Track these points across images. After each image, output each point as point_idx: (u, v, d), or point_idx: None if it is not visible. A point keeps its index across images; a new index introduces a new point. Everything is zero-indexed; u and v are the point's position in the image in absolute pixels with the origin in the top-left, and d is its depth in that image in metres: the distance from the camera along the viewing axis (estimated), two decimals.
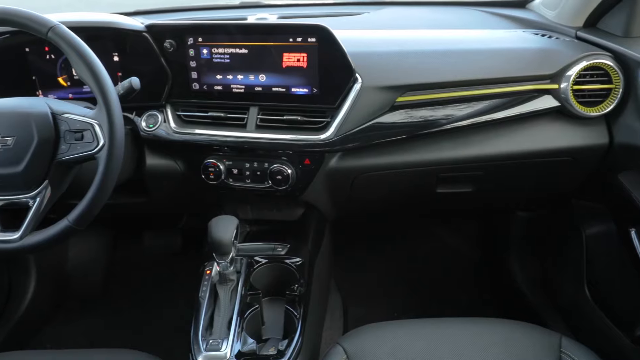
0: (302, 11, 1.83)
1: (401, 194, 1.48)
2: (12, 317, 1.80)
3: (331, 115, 1.26)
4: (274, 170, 1.31)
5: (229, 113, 1.32)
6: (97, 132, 1.01)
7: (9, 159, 1.01)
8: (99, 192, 1.02)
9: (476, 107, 1.30)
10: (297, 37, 1.22)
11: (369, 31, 1.44)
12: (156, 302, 2.00)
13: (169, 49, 1.30)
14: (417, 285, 2.04)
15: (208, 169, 1.35)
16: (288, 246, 1.35)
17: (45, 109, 1.03)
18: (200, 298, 1.20)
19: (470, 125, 1.30)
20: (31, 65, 1.34)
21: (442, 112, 1.29)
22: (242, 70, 1.29)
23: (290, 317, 1.18)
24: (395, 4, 1.79)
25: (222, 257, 1.16)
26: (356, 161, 1.34)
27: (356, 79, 1.23)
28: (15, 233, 1.04)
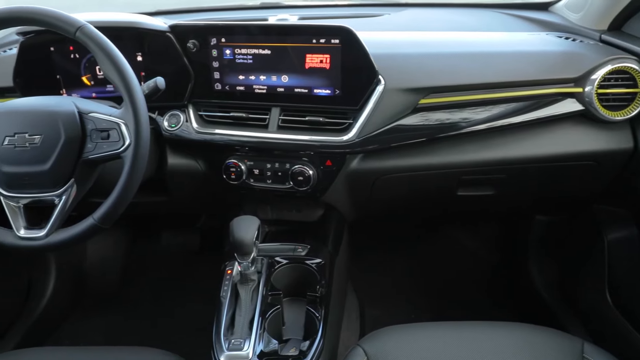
0: (322, 12, 1.83)
1: (421, 196, 1.48)
2: (31, 314, 1.82)
3: (353, 116, 1.26)
4: (296, 171, 1.31)
5: (251, 113, 1.32)
6: (123, 131, 1.01)
7: (36, 157, 1.02)
8: (124, 191, 1.02)
9: (499, 110, 1.29)
10: (320, 38, 1.22)
11: (391, 33, 1.43)
12: (173, 301, 2.01)
13: (192, 49, 1.30)
14: (434, 288, 2.04)
15: (229, 169, 1.35)
16: (308, 247, 1.35)
17: (72, 108, 1.03)
18: (222, 297, 1.20)
19: (493, 128, 1.30)
20: (56, 64, 1.35)
21: (465, 114, 1.28)
22: (265, 71, 1.29)
23: (311, 318, 1.18)
24: (415, 6, 1.78)
25: (244, 257, 1.16)
26: (377, 163, 1.34)
27: (379, 81, 1.23)
28: (41, 231, 1.05)
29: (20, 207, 1.07)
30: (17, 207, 1.07)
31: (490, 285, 2.04)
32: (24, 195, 1.05)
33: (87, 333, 1.90)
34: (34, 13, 1.00)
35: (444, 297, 1.99)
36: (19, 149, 1.02)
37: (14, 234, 1.06)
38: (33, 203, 1.07)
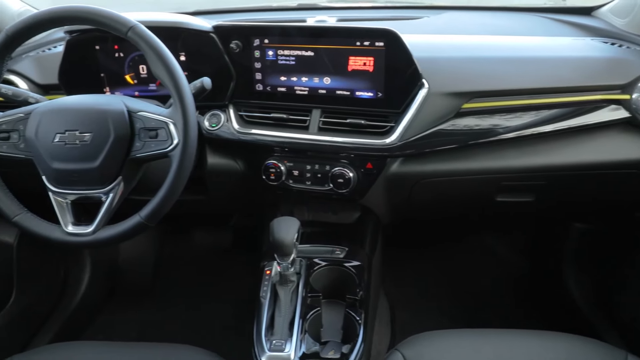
0: (360, 14, 1.83)
1: (459, 201, 1.47)
2: (66, 309, 1.85)
3: (395, 120, 1.26)
4: (336, 173, 1.31)
5: (291, 115, 1.33)
6: (172, 130, 1.02)
7: (86, 155, 1.03)
8: (171, 190, 1.03)
9: (542, 116, 1.28)
10: (364, 40, 1.22)
11: (433, 36, 1.42)
12: (204, 299, 2.03)
13: (235, 50, 1.31)
14: (465, 294, 2.02)
15: (269, 169, 1.36)
16: (346, 249, 1.35)
17: (122, 106, 1.05)
18: (262, 298, 1.21)
19: (536, 134, 1.28)
20: (100, 62, 1.37)
21: (508, 120, 1.27)
22: (307, 72, 1.29)
23: (350, 321, 1.17)
24: (455, 9, 1.77)
25: (284, 258, 1.16)
26: (418, 167, 1.33)
27: (422, 84, 1.22)
28: (88, 227, 1.06)
29: (67, 203, 1.08)
30: (65, 202, 1.08)
31: (522, 293, 2.02)
32: (72, 191, 1.07)
33: (121, 328, 1.93)
34: (87, 13, 1.01)
35: (474, 304, 1.98)
36: (69, 146, 1.03)
37: (61, 229, 1.07)
38: (80, 199, 1.08)
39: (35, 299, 1.73)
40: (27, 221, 1.08)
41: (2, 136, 1.07)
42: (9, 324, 1.58)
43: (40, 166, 1.07)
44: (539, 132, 1.28)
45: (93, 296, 1.93)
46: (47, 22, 1.04)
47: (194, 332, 1.89)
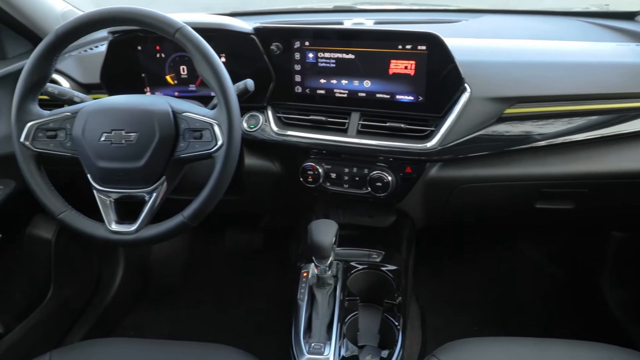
0: (397, 17, 1.82)
1: (498, 207, 1.45)
2: (99, 306, 1.87)
3: (435, 124, 1.25)
4: (374, 176, 1.30)
5: (330, 117, 1.32)
6: (216, 132, 1.03)
7: (131, 154, 1.04)
8: (215, 190, 1.04)
9: (585, 122, 1.25)
10: (406, 44, 1.21)
11: (475, 40, 1.41)
12: (235, 298, 2.03)
13: (275, 52, 1.31)
14: (497, 300, 2.00)
15: (307, 171, 1.36)
16: (383, 253, 1.35)
17: (167, 107, 1.05)
18: (299, 300, 1.21)
19: (578, 141, 1.26)
20: (141, 63, 1.39)
21: (551, 126, 1.25)
22: (347, 75, 1.29)
23: (388, 326, 1.17)
24: (493, 12, 1.75)
25: (322, 260, 1.16)
26: (457, 172, 1.32)
27: (465, 89, 1.21)
28: (131, 225, 1.07)
29: (111, 201, 1.10)
30: (109, 201, 1.10)
31: (557, 301, 1.98)
32: (116, 190, 1.08)
33: (152, 325, 1.95)
34: (136, 14, 1.02)
35: (507, 311, 1.95)
36: (115, 145, 1.04)
37: (105, 227, 1.09)
38: (123, 198, 1.10)
39: (71, 295, 1.76)
40: (72, 218, 1.10)
41: (50, 134, 1.09)
42: (46, 319, 1.61)
43: (86, 164, 1.08)
44: (581, 139, 1.26)
45: (125, 293, 1.95)
46: (96, 23, 1.05)
47: (225, 331, 1.90)
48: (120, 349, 1.15)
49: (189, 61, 1.37)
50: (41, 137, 1.09)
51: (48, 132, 1.09)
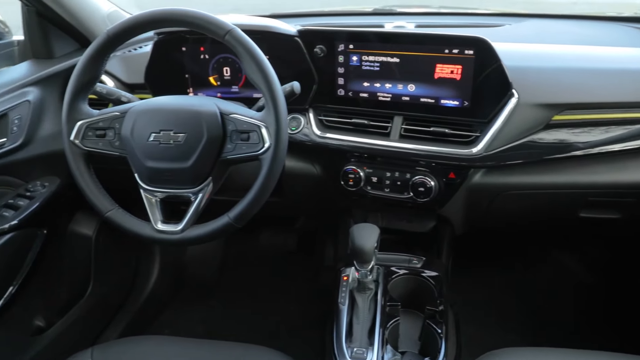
0: (438, 20, 1.81)
1: (540, 214, 1.42)
2: (135, 303, 1.90)
3: (480, 129, 1.23)
4: (417, 181, 1.29)
5: (373, 121, 1.32)
6: (264, 134, 1.03)
7: (179, 155, 1.05)
8: (261, 192, 1.04)
9: (634, 130, 1.22)
10: (453, 48, 1.20)
11: (522, 45, 1.39)
12: (268, 298, 2.04)
13: (319, 54, 1.31)
14: (532, 309, 1.96)
15: (348, 175, 1.35)
16: (423, 259, 1.33)
17: (215, 108, 1.06)
18: (340, 304, 1.21)
19: (627, 149, 1.23)
20: (185, 63, 1.40)
21: (600, 133, 1.22)
22: (391, 79, 1.28)
23: (430, 333, 1.15)
24: (537, 17, 1.72)
25: (363, 265, 1.16)
26: (501, 178, 1.30)
27: (512, 94, 1.19)
28: (177, 225, 1.08)
29: (157, 201, 1.10)
30: (155, 200, 1.10)
31: (593, 311, 1.94)
32: (163, 190, 1.09)
33: (186, 324, 1.96)
34: (186, 15, 1.03)
35: (542, 320, 1.92)
36: (163, 145, 1.05)
37: (151, 226, 1.09)
38: (169, 198, 1.10)
39: (109, 292, 1.78)
40: (119, 217, 1.11)
41: (99, 133, 1.10)
42: (86, 315, 1.63)
43: (134, 164, 1.09)
44: (629, 147, 1.23)
45: (161, 291, 1.98)
46: (147, 24, 1.06)
47: (258, 332, 1.91)
48: (161, 346, 1.16)
49: (232, 62, 1.38)
50: (90, 136, 1.10)
51: (97, 131, 1.10)
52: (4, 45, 1.47)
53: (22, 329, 1.43)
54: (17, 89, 1.32)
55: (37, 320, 1.49)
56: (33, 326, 1.47)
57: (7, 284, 1.30)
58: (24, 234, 1.30)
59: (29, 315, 1.47)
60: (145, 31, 1.10)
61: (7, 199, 1.31)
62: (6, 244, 1.25)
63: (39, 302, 1.49)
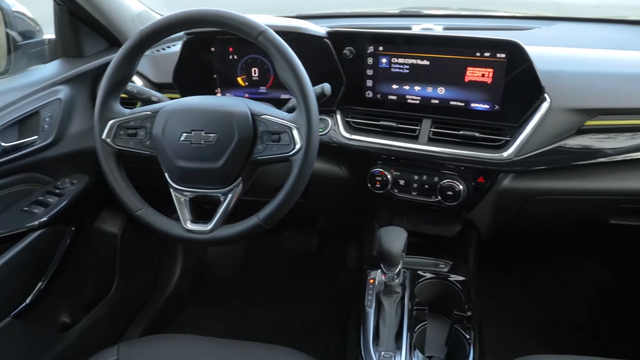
0: (465, 23, 1.80)
1: (569, 221, 1.41)
2: (158, 300, 1.91)
3: (511, 134, 1.22)
4: (445, 185, 1.28)
5: (401, 123, 1.31)
6: (295, 135, 1.02)
7: (210, 155, 1.05)
8: (291, 194, 1.04)
9: None
10: (485, 51, 1.19)
11: (554, 48, 1.37)
12: (289, 299, 2.04)
13: (348, 56, 1.31)
14: (555, 315, 1.94)
15: (375, 177, 1.34)
16: (450, 263, 1.32)
17: (246, 109, 1.06)
18: (367, 307, 1.20)
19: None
20: (214, 64, 1.40)
21: (632, 139, 1.21)
22: (421, 81, 1.27)
23: (458, 338, 1.14)
24: (567, 20, 1.70)
25: (390, 268, 1.15)
26: (531, 183, 1.29)
27: (544, 99, 1.18)
28: (206, 225, 1.08)
29: (186, 200, 1.11)
30: (184, 199, 1.11)
31: (619, 318, 1.91)
32: (192, 189, 1.09)
33: (207, 323, 1.97)
34: (219, 16, 1.03)
35: (567, 327, 1.89)
36: (195, 145, 1.05)
37: (181, 226, 1.10)
38: (198, 198, 1.10)
39: (133, 290, 1.79)
40: (149, 216, 1.11)
41: (130, 132, 1.11)
42: (110, 313, 1.64)
43: (164, 163, 1.10)
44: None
45: (182, 289, 1.98)
46: (180, 24, 1.07)
47: (279, 332, 1.90)
48: (187, 345, 1.17)
49: (261, 63, 1.38)
50: (122, 134, 1.11)
51: (129, 130, 1.11)
52: (35, 44, 1.49)
53: (49, 325, 1.44)
54: (48, 87, 1.33)
55: (63, 317, 1.50)
56: (59, 322, 1.49)
57: (37, 279, 1.32)
58: (53, 230, 1.31)
59: (56, 312, 1.48)
60: (178, 31, 1.10)
61: (37, 196, 1.33)
62: (36, 241, 1.26)
63: (65, 299, 1.50)
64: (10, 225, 1.24)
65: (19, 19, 1.45)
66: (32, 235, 1.25)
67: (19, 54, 1.45)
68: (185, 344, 1.17)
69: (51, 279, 1.35)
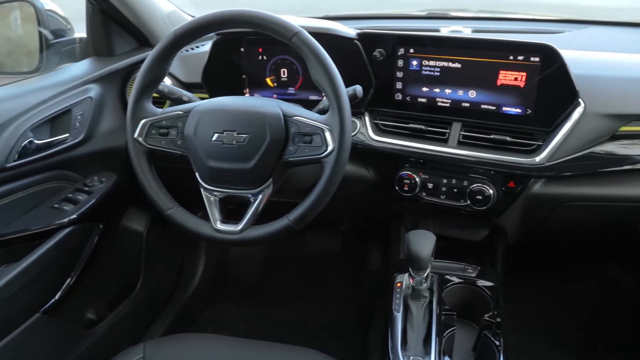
0: (493, 25, 1.78)
1: (598, 227, 1.39)
2: (180, 299, 1.92)
3: (543, 138, 1.21)
4: (474, 189, 1.27)
5: (430, 126, 1.30)
6: (327, 137, 1.02)
7: (241, 155, 1.05)
8: (322, 195, 1.04)
9: None
10: (518, 55, 1.17)
11: (587, 52, 1.35)
12: (310, 300, 2.03)
13: (378, 58, 1.30)
14: (579, 323, 1.91)
15: (403, 180, 1.33)
16: (478, 268, 1.31)
17: (278, 110, 1.06)
18: (394, 310, 1.19)
19: None
20: (243, 64, 1.41)
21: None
22: (452, 84, 1.26)
23: (487, 345, 1.13)
24: (598, 24, 1.68)
25: (419, 272, 1.14)
26: (562, 189, 1.27)
27: (578, 103, 1.17)
28: (236, 225, 1.08)
29: (216, 200, 1.11)
30: (213, 199, 1.11)
31: None
32: (223, 190, 1.09)
33: (229, 322, 1.97)
34: (254, 17, 1.03)
35: (590, 334, 1.86)
36: (226, 145, 1.05)
37: (211, 225, 1.10)
38: (228, 198, 1.10)
39: (157, 288, 1.80)
40: (179, 215, 1.12)
41: (162, 132, 1.11)
42: (134, 310, 1.65)
43: (195, 163, 1.10)
44: None
45: (205, 288, 1.99)
46: (215, 25, 1.07)
47: (300, 333, 1.90)
48: (212, 344, 1.17)
49: (290, 64, 1.38)
50: (154, 134, 1.11)
51: (160, 130, 1.11)
52: (66, 42, 1.50)
53: (75, 322, 1.45)
54: (80, 86, 1.35)
55: (89, 314, 1.51)
56: (85, 319, 1.50)
57: (66, 276, 1.33)
58: (82, 228, 1.32)
59: (82, 309, 1.49)
60: (212, 31, 1.10)
61: (67, 193, 1.34)
62: (65, 238, 1.27)
63: (91, 296, 1.51)
64: (41, 222, 1.25)
65: (51, 17, 1.46)
66: (62, 233, 1.27)
67: (51, 53, 1.47)
68: (210, 344, 1.18)
69: (79, 276, 1.36)
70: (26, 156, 1.21)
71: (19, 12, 1.55)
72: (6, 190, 1.21)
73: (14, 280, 1.15)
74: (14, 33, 1.58)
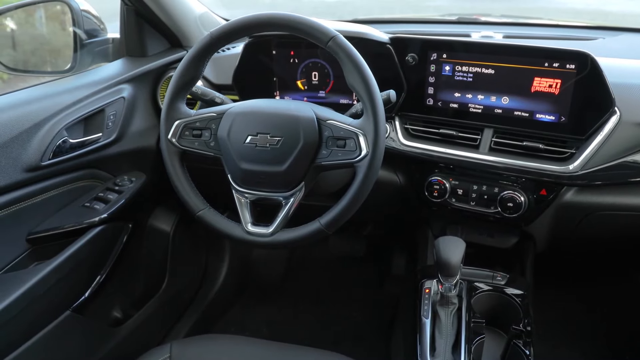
0: (525, 31, 1.76)
1: (629, 236, 1.37)
2: (204, 299, 1.92)
3: (576, 146, 1.19)
4: (505, 196, 1.26)
5: (461, 132, 1.29)
6: (361, 141, 1.02)
7: (274, 158, 1.05)
8: (355, 199, 1.03)
9: None
10: (554, 62, 1.16)
11: (622, 60, 1.34)
12: (333, 304, 2.03)
13: (410, 63, 1.30)
14: (608, 332, 1.88)
15: (433, 186, 1.33)
16: (507, 276, 1.30)
17: (312, 114, 1.06)
18: (423, 317, 1.19)
19: None
20: (274, 67, 1.41)
21: None
22: (484, 90, 1.25)
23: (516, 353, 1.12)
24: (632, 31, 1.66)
25: (448, 279, 1.13)
26: (594, 197, 1.25)
27: (614, 112, 1.15)
28: (267, 228, 1.08)
29: (247, 202, 1.11)
30: (245, 201, 1.11)
31: None
32: (255, 192, 1.10)
33: (251, 324, 1.98)
34: (291, 20, 1.03)
35: (619, 345, 1.84)
36: (260, 148, 1.06)
37: (242, 227, 1.10)
38: (260, 200, 1.11)
39: (182, 288, 1.81)
40: (210, 217, 1.12)
41: (195, 133, 1.12)
42: (160, 310, 1.67)
43: (228, 165, 1.10)
44: None
45: (228, 289, 2.00)
46: (251, 28, 1.07)
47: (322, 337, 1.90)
48: (238, 346, 1.18)
49: (321, 67, 1.38)
50: (187, 135, 1.12)
51: (194, 131, 1.12)
52: (100, 42, 1.52)
53: (102, 320, 1.47)
54: (113, 86, 1.36)
55: (116, 312, 1.53)
56: (112, 318, 1.52)
57: (95, 274, 1.34)
58: (112, 227, 1.34)
59: (109, 307, 1.51)
60: (248, 34, 1.11)
61: (98, 192, 1.35)
62: (96, 236, 1.29)
63: (118, 295, 1.53)
64: (73, 220, 1.26)
65: (85, 17, 1.48)
66: (93, 231, 1.28)
67: (84, 52, 1.48)
68: (236, 345, 1.18)
69: (108, 275, 1.37)
70: (60, 155, 1.23)
71: (44, 11, 1.58)
72: (40, 188, 1.22)
73: (47, 278, 1.16)
74: (38, 32, 1.61)
